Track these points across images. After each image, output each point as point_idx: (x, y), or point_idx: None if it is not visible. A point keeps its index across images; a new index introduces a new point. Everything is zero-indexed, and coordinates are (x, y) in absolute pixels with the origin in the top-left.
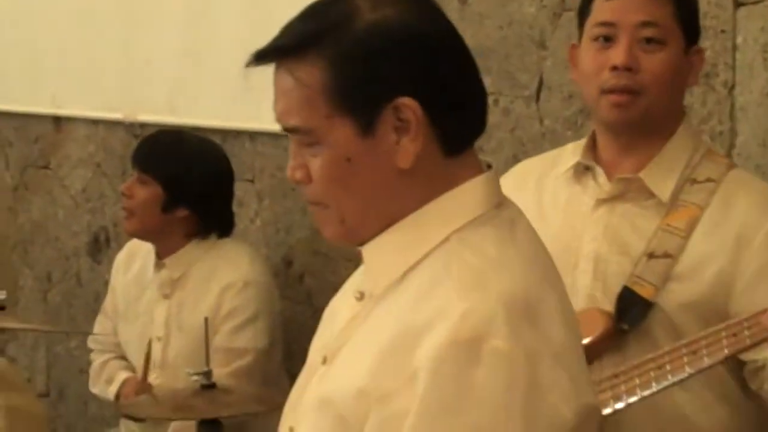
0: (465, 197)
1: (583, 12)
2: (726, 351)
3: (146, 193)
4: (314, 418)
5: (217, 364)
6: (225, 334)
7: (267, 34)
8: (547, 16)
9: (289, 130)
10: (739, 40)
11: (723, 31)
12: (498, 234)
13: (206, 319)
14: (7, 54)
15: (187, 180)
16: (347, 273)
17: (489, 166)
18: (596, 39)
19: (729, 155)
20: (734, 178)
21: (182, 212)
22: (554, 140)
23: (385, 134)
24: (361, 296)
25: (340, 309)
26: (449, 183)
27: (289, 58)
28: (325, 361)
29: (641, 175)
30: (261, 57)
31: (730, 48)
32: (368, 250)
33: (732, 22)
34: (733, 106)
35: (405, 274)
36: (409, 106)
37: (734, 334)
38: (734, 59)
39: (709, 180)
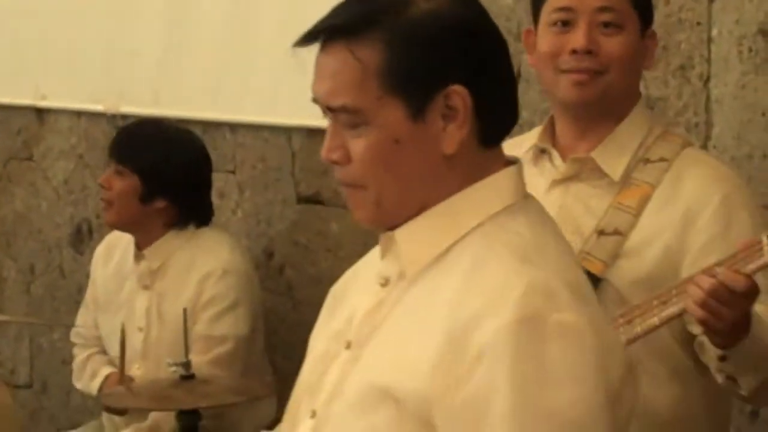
0: (498, 186)
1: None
2: (656, 320)
3: (123, 184)
4: (360, 402)
5: (198, 352)
6: (205, 322)
7: (248, 26)
8: (524, 8)
9: (334, 109)
10: (714, 32)
11: (698, 24)
12: (530, 220)
13: (185, 310)
14: None
15: (163, 170)
16: (327, 265)
17: (516, 160)
18: (554, 24)
19: (705, 147)
20: (686, 156)
21: (160, 203)
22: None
23: (434, 120)
24: (385, 282)
25: (351, 295)
26: (482, 173)
27: (346, 37)
28: (349, 346)
29: (593, 154)
30: (316, 34)
31: (705, 40)
32: (401, 234)
33: (707, 14)
34: (708, 98)
35: (439, 258)
36: (459, 93)
37: (664, 302)
38: (709, 51)
39: (662, 159)
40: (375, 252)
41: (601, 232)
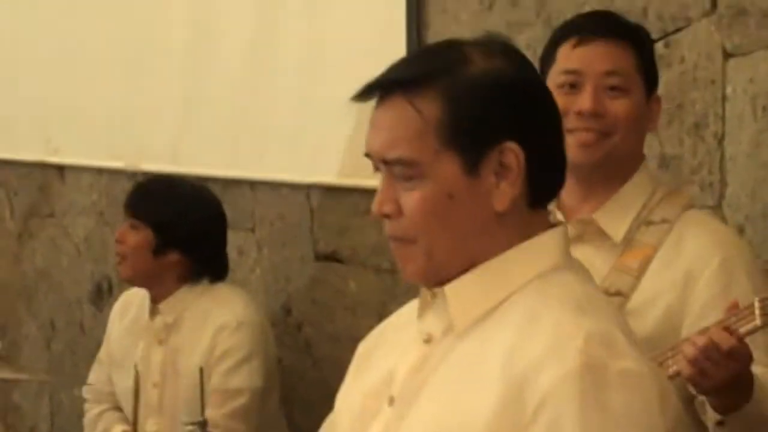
0: (546, 246)
1: (547, 59)
2: None
3: (137, 237)
4: None
5: (213, 406)
6: (220, 375)
7: (267, 83)
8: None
9: (390, 161)
10: (729, 90)
11: (713, 82)
12: (578, 277)
13: (201, 369)
14: (12, 103)
15: (176, 224)
16: (345, 323)
17: (560, 222)
18: (562, 86)
19: (719, 206)
20: (688, 218)
21: (174, 256)
22: None
23: (487, 176)
24: (429, 338)
25: (382, 354)
26: (530, 233)
27: (406, 90)
28: (392, 402)
29: (595, 216)
30: (379, 87)
31: (719, 99)
32: (451, 289)
33: (721, 73)
34: (722, 156)
35: (489, 313)
36: (513, 150)
37: (659, 364)
38: (724, 110)
39: (664, 221)
40: (403, 312)
41: (604, 293)
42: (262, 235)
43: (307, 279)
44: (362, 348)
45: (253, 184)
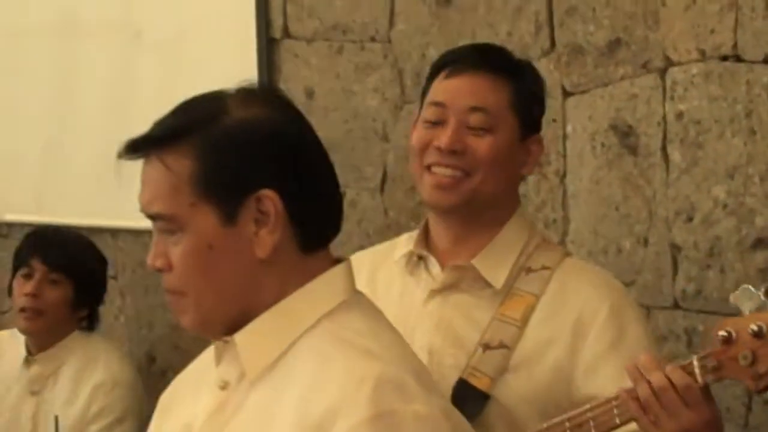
0: (330, 285)
1: (425, 91)
2: None
3: (58, 292)
4: None
5: None
6: None
7: (128, 130)
8: (389, 108)
9: (152, 217)
10: (569, 129)
11: (554, 120)
12: (364, 314)
13: (56, 418)
14: None
15: (95, 278)
16: None
17: (341, 259)
18: (427, 120)
19: (563, 242)
20: (569, 266)
21: (84, 311)
22: (399, 231)
23: (246, 224)
24: (225, 385)
25: (181, 402)
26: (306, 276)
27: (160, 148)
28: None
29: (474, 262)
30: (133, 147)
31: (560, 136)
32: (240, 337)
33: (561, 111)
34: (565, 193)
35: (279, 359)
36: (270, 197)
37: (578, 425)
38: (565, 148)
39: (544, 268)
40: (204, 356)
41: (486, 346)
42: (124, 283)
43: (168, 326)
44: (163, 398)
45: (114, 232)
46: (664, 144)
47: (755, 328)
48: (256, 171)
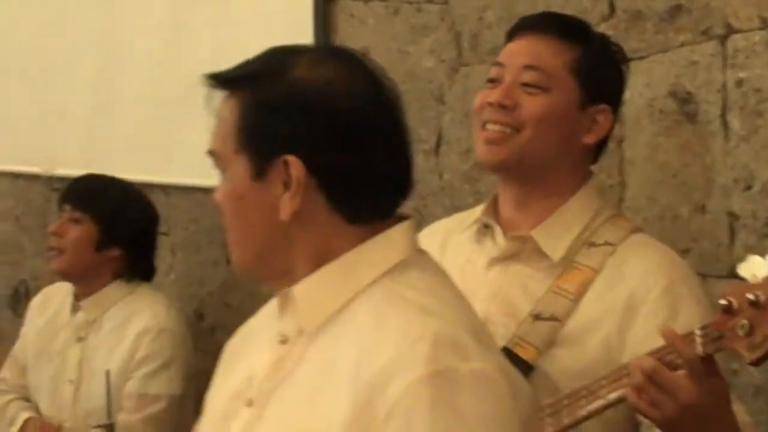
0: (391, 242)
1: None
2: (584, 412)
3: (79, 231)
4: None
5: (130, 410)
6: (138, 380)
7: (180, 87)
8: (445, 71)
9: (209, 152)
10: (627, 94)
11: None
12: (425, 273)
13: (107, 372)
14: None
15: (122, 219)
16: None
17: (405, 216)
18: (488, 80)
19: (618, 208)
20: (632, 243)
21: (115, 252)
22: (453, 194)
23: (274, 184)
24: (285, 339)
25: (247, 353)
26: (355, 241)
27: (229, 89)
28: (251, 404)
29: (533, 233)
30: (210, 79)
31: None
32: (298, 290)
33: None
34: (622, 159)
35: (337, 314)
36: (292, 164)
37: (592, 392)
38: (622, 113)
39: (607, 243)
40: (268, 308)
41: (536, 317)
42: (175, 240)
43: (219, 283)
44: (229, 348)
45: (165, 188)
46: (723, 112)
47: (751, 296)
48: (290, 134)
